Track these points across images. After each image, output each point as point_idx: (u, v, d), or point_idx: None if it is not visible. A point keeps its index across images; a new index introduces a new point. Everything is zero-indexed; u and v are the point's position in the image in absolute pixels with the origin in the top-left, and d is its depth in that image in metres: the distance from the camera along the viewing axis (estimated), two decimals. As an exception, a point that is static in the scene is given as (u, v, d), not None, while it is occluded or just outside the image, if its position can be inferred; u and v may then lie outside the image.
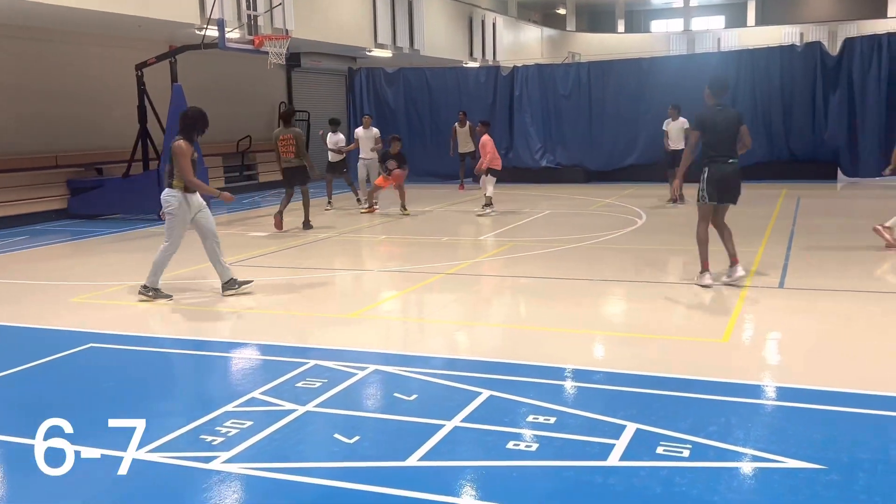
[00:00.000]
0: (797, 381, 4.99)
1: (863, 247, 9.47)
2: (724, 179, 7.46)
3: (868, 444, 3.88)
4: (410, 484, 3.60)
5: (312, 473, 3.75)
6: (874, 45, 17.49)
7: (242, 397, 4.78)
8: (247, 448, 4.02)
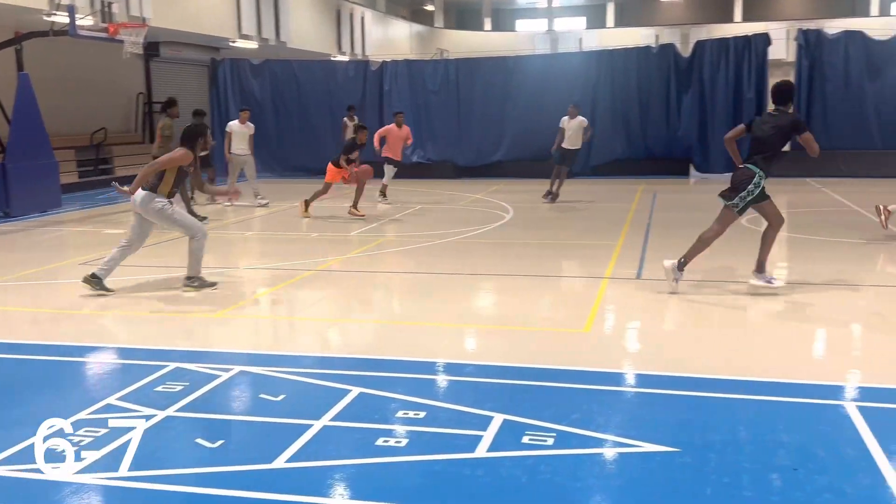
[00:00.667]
0: (654, 367, 5.22)
1: (720, 238, 10.03)
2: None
3: (719, 426, 4.10)
4: (277, 486, 3.52)
5: (172, 481, 3.60)
6: (723, 48, 18.58)
7: (97, 404, 4.53)
8: (101, 457, 3.81)
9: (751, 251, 7.58)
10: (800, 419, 4.22)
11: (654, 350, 5.71)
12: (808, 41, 18.26)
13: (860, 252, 9.18)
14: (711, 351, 5.54)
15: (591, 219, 12.72)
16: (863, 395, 4.61)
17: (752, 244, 9.56)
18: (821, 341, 5.99)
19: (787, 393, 4.61)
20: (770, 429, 4.06)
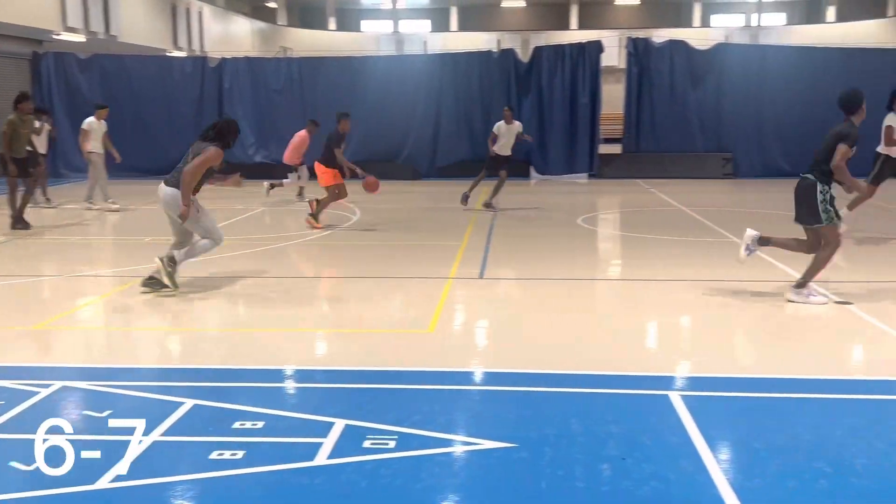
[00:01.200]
0: (495, 365, 5.33)
1: (554, 237, 10.40)
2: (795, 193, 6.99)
3: (554, 420, 4.23)
4: (100, 509, 3.30)
5: (-20, 511, 3.30)
6: (559, 54, 19.30)
7: None
8: None
9: (576, 247, 7.86)
10: (628, 410, 4.42)
11: (495, 348, 5.83)
12: (637, 49, 19.29)
13: (684, 249, 9.76)
14: (549, 347, 5.71)
15: (437, 220, 12.85)
16: (685, 385, 4.90)
17: (577, 240, 9.95)
18: (649, 334, 6.32)
19: (618, 385, 4.83)
20: (601, 420, 4.23)
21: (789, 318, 6.57)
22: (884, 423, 4.21)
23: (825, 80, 18.92)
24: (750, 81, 18.99)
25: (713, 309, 6.87)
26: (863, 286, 7.49)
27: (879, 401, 4.61)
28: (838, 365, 5.38)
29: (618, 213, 13.99)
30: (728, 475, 3.59)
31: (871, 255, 9.20)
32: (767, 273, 8.07)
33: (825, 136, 7.07)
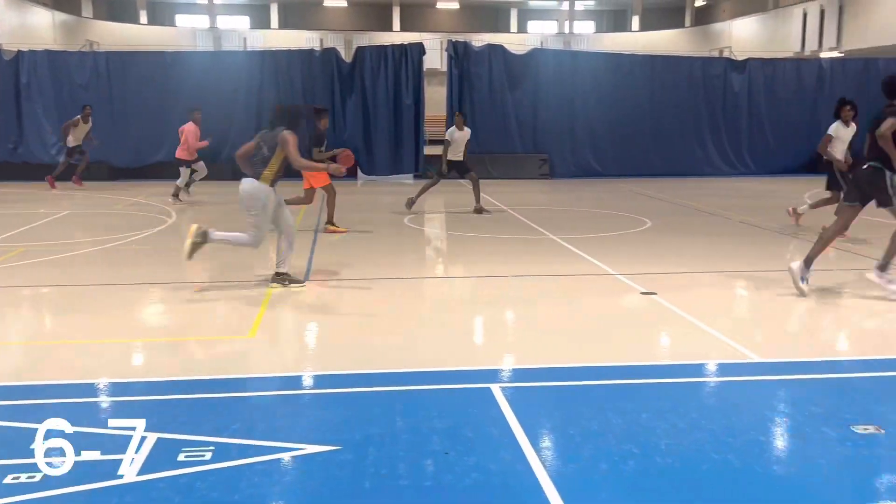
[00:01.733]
0: (316, 368, 5.23)
1: (381, 238, 10.40)
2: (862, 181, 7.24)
3: (377, 419, 4.20)
4: None
5: None
6: (382, 55, 19.37)
7: None
8: None
9: (403, 247, 7.90)
10: (452, 405, 4.47)
11: (319, 351, 5.73)
12: (458, 52, 19.72)
13: (508, 247, 10.06)
14: (374, 347, 5.68)
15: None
16: (505, 377, 5.03)
17: (404, 240, 10.03)
18: (473, 329, 6.45)
19: (442, 381, 4.88)
20: (425, 417, 4.25)
21: (602, 310, 6.92)
22: (685, 404, 4.51)
23: (632, 85, 20.26)
24: (564, 85, 19.94)
25: (534, 304, 7.11)
26: (666, 277, 8.02)
27: (681, 384, 4.94)
28: (644, 352, 5.72)
29: (443, 213, 14.22)
30: (545, 462, 3.71)
31: (675, 248, 9.88)
32: (582, 268, 8.47)
33: (872, 126, 7.18)
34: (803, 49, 27.43)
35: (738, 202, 14.56)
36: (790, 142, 20.62)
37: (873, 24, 24.35)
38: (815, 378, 5.02)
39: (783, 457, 3.90)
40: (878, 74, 20.53)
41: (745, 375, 5.07)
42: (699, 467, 3.69)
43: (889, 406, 4.46)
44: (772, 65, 20.94)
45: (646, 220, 12.05)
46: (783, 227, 11.24)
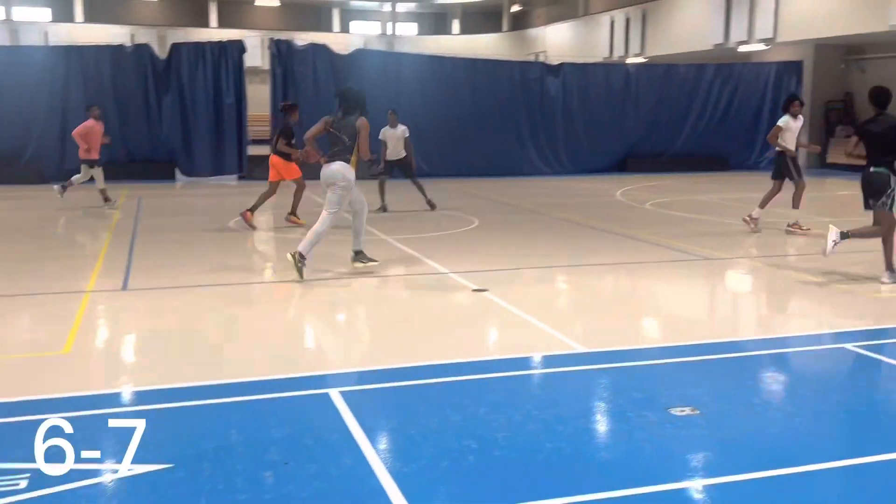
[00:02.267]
0: (141, 383, 4.95)
1: (204, 243, 10.00)
2: (863, 182, 7.75)
3: (212, 433, 4.03)
4: None
5: None
6: (200, 52, 18.65)
7: None
8: None
9: (228, 251, 7.64)
10: (288, 413, 4.37)
11: (142, 364, 5.42)
12: (281, 51, 19.33)
13: (342, 249, 9.97)
14: (203, 357, 5.46)
15: (71, 228, 11.70)
16: (344, 381, 4.98)
17: (228, 244, 9.73)
18: (307, 334, 6.34)
19: (278, 389, 4.75)
20: (262, 427, 4.12)
21: (436, 309, 7.02)
22: (519, 396, 4.66)
23: (455, 87, 20.70)
24: (389, 86, 20.03)
25: (368, 305, 7.09)
26: (496, 274, 8.25)
27: (515, 377, 5.10)
28: (479, 348, 5.86)
29: (271, 214, 13.89)
30: (387, 463, 3.71)
31: (502, 245, 10.19)
32: (415, 267, 8.55)
33: (882, 133, 7.58)
34: (611, 55, 29.13)
35: (558, 200, 15.25)
36: (602, 142, 21.84)
37: (673, 33, 26.28)
38: (636, 365, 5.33)
39: (610, 441, 4.12)
40: (677, 79, 22.24)
41: (572, 366, 5.31)
42: (535, 457, 3.82)
43: (703, 388, 4.82)
44: (583, 69, 22.08)
45: (473, 218, 12.35)
46: (602, 223, 11.88)
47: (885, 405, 4.68)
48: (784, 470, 3.70)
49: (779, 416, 4.47)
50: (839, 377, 5.17)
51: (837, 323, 6.44)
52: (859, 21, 19.64)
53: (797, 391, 5.00)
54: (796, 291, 7.76)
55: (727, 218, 12.30)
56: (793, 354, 5.72)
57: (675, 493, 3.51)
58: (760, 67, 22.91)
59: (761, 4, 22.32)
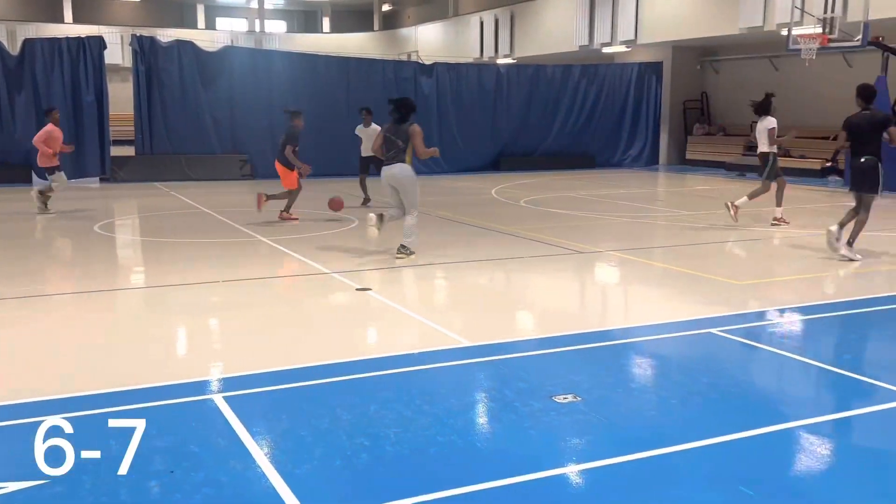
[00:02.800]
0: (5, 397, 4.65)
1: (68, 248, 9.47)
2: (856, 172, 8.76)
3: (88, 444, 3.84)
4: None
5: None
6: (55, 48, 17.67)
7: None
8: None
9: (93, 257, 7.29)
10: (172, 421, 4.22)
11: (7, 376, 5.09)
12: (144, 47, 18.57)
13: (217, 251, 9.70)
14: (69, 369, 5.19)
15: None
16: (227, 386, 4.85)
17: (95, 250, 9.33)
18: (185, 340, 6.13)
19: (157, 397, 4.58)
20: (144, 436, 3.93)
21: (319, 310, 6.95)
22: (409, 392, 4.68)
23: (328, 86, 20.51)
24: (260, 85, 19.63)
25: (250, 308, 6.94)
26: (378, 273, 8.25)
27: (404, 373, 5.11)
28: (366, 346, 5.84)
29: (137, 217, 13.35)
30: (278, 466, 3.65)
31: (380, 243, 10.19)
32: (296, 268, 8.43)
33: (862, 127, 8.62)
34: (482, 55, 29.66)
35: (436, 199, 15.37)
36: (476, 141, 22.19)
37: (540, 34, 27.03)
38: (519, 356, 5.47)
39: (500, 431, 4.21)
40: (546, 79, 22.88)
41: (458, 360, 5.39)
42: (427, 451, 3.86)
43: (583, 376, 5.00)
44: (456, 69, 22.36)
45: (353, 218, 12.29)
46: (480, 221, 12.08)
47: (749, 384, 5.01)
48: (664, 449, 3.90)
49: (655, 399, 4.70)
50: (707, 360, 5.47)
51: (703, 310, 6.82)
52: (713, 24, 20.85)
53: (670, 374, 5.27)
54: (665, 281, 8.16)
55: (596, 213, 12.78)
56: (664, 340, 6.02)
57: (563, 476, 3.63)
58: (623, 68, 23.91)
59: (623, 8, 23.31)
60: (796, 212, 13.35)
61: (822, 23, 16.40)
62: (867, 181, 8.64)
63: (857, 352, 5.88)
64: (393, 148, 8.78)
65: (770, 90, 12.26)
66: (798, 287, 7.78)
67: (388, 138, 8.82)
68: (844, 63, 19.74)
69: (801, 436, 4.11)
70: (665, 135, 24.42)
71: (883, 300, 7.29)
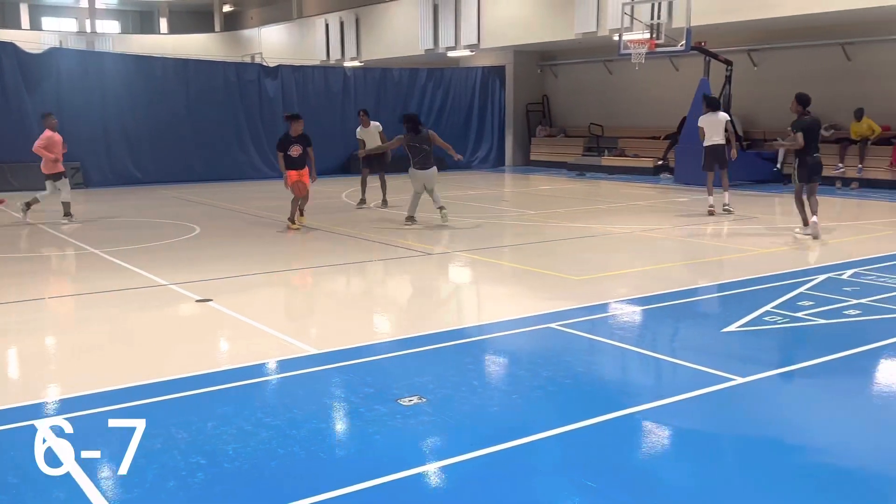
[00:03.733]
0: None
1: None
2: (816, 166, 10.31)
3: None
4: None
5: None
6: None
7: None
8: None
9: None
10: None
11: None
12: (-43, 49, 17.16)
13: (39, 266, 9.07)
14: None
15: None
16: (51, 410, 4.53)
17: None
18: (3, 363, 5.68)
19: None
20: (-47, 472, 3.64)
21: (157, 323, 6.63)
22: (250, 405, 4.54)
23: (167, 89, 19.72)
24: (91, 88, 18.59)
25: (80, 326, 6.54)
26: (221, 283, 7.98)
27: (244, 386, 4.95)
28: (205, 360, 5.62)
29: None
30: (107, 493, 3.45)
31: (227, 252, 9.86)
32: (131, 281, 8.01)
33: (814, 128, 10.30)
34: (329, 57, 29.39)
35: (280, 203, 15.07)
36: (324, 145, 21.89)
37: (386, 37, 27.09)
38: (365, 361, 5.43)
39: (344, 439, 4.16)
40: (393, 82, 23.00)
41: (303, 368, 5.28)
42: (269, 464, 3.75)
43: (428, 377, 5.02)
44: (301, 71, 22.04)
45: (194, 226, 11.85)
46: (329, 225, 11.94)
47: (585, 376, 5.19)
48: (509, 444, 3.97)
49: (497, 395, 4.79)
50: (547, 354, 5.63)
51: (544, 305, 7.02)
52: (550, 30, 21.62)
53: (512, 370, 5.40)
54: (508, 279, 8.37)
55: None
56: (507, 337, 6.16)
57: (409, 479, 3.63)
58: (468, 72, 24.38)
59: (465, 13, 23.75)
60: (632, 209, 14.06)
61: (650, 28, 17.34)
62: (820, 172, 10.42)
63: (682, 339, 6.24)
64: (421, 153, 11.17)
65: (608, 93, 13.12)
66: (632, 280, 8.17)
67: (414, 146, 11.17)
68: (672, 67, 20.98)
69: (636, 421, 4.31)
70: (510, 137, 25.09)
71: (704, 290, 7.78)
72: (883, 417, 4.47)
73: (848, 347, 5.67)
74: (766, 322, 6.29)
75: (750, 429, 4.30)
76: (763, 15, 16.69)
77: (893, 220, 12.28)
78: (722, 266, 9.03)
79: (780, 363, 5.31)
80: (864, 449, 4.04)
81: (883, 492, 3.60)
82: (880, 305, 6.77)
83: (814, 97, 10.67)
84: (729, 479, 3.71)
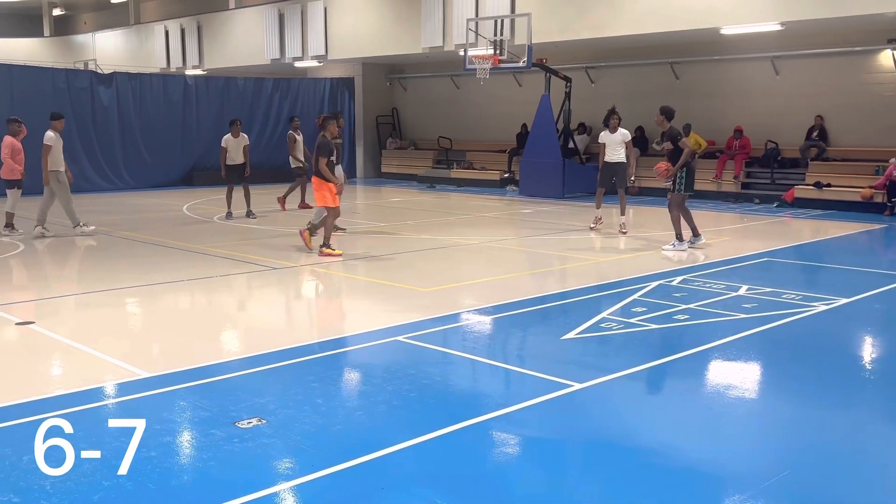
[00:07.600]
0: None
1: None
2: None
3: None
4: None
5: None
6: None
7: None
8: None
9: None
10: None
11: None
12: None
13: None
14: None
15: None
16: None
17: None
18: None
19: None
20: None
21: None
22: (72, 437, 4.20)
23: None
24: None
25: None
26: (46, 304, 7.43)
27: (67, 415, 4.57)
28: (20, 389, 5.17)
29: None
30: None
31: (55, 271, 9.21)
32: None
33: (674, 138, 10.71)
34: (169, 65, 28.24)
35: (120, 217, 14.32)
36: (165, 155, 21.06)
37: (230, 46, 26.32)
38: (202, 383, 5.18)
39: (175, 467, 3.92)
40: (237, 91, 22.40)
41: (135, 393, 4.98)
42: (91, 499, 3.49)
43: (269, 397, 4.86)
44: (138, 79, 21.03)
45: (17, 243, 11.00)
46: (169, 240, 11.40)
47: (430, 388, 5.18)
48: (351, 462, 3.89)
49: (341, 412, 4.70)
50: (393, 367, 5.58)
51: (392, 318, 6.98)
52: (398, 43, 21.72)
53: (357, 386, 5.31)
54: (356, 292, 8.28)
55: (296, 227, 12.68)
56: (353, 352, 6.07)
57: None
58: (317, 83, 24.09)
59: (312, 23, 23.47)
60: (480, 220, 14.31)
61: (494, 45, 17.78)
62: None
63: (525, 347, 6.37)
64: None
65: (456, 106, 13.19)
66: (479, 290, 8.28)
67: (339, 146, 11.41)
68: (515, 82, 21.61)
69: (481, 431, 4.34)
70: (361, 149, 25.00)
71: (547, 298, 8.01)
72: (710, 417, 4.72)
73: (677, 351, 5.98)
74: (602, 328, 6.53)
75: (590, 432, 4.43)
76: (598, 34, 17.49)
77: (718, 228, 13.15)
78: (565, 275, 9.33)
79: (615, 368, 5.52)
80: (695, 448, 4.24)
81: (714, 487, 3.79)
82: (706, 310, 7.19)
83: (647, 113, 11.26)
84: (575, 484, 3.80)
